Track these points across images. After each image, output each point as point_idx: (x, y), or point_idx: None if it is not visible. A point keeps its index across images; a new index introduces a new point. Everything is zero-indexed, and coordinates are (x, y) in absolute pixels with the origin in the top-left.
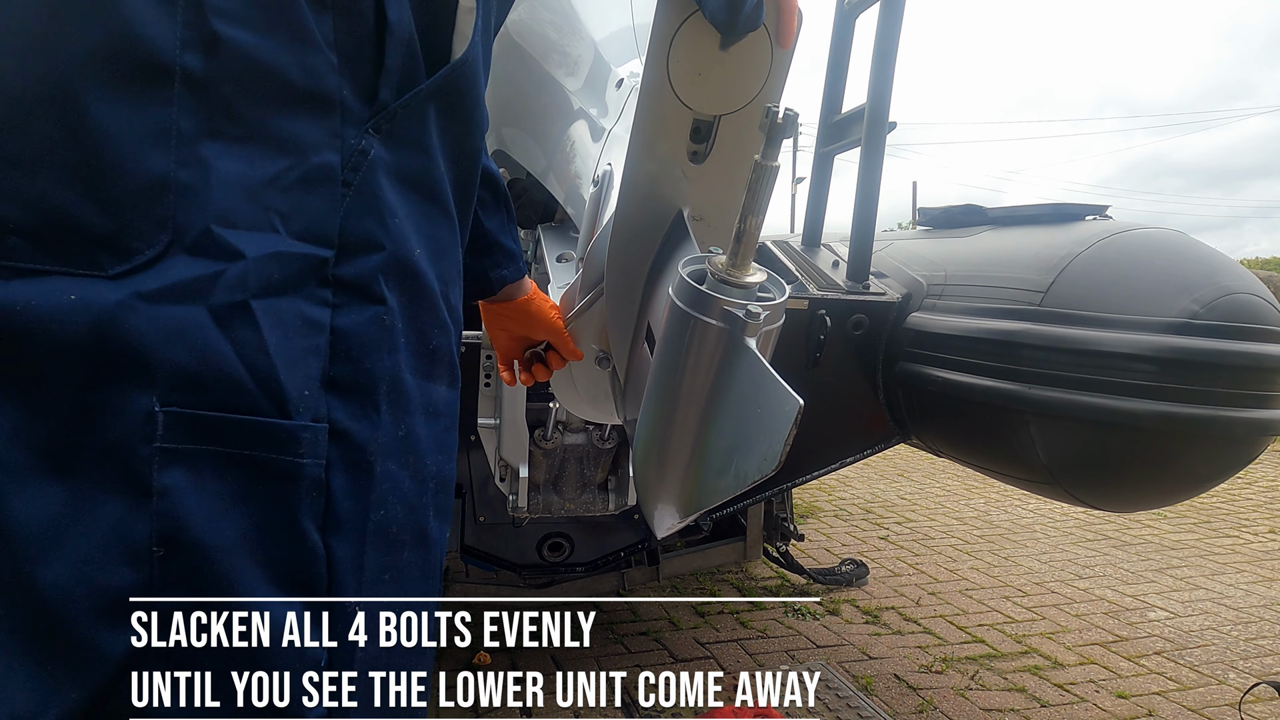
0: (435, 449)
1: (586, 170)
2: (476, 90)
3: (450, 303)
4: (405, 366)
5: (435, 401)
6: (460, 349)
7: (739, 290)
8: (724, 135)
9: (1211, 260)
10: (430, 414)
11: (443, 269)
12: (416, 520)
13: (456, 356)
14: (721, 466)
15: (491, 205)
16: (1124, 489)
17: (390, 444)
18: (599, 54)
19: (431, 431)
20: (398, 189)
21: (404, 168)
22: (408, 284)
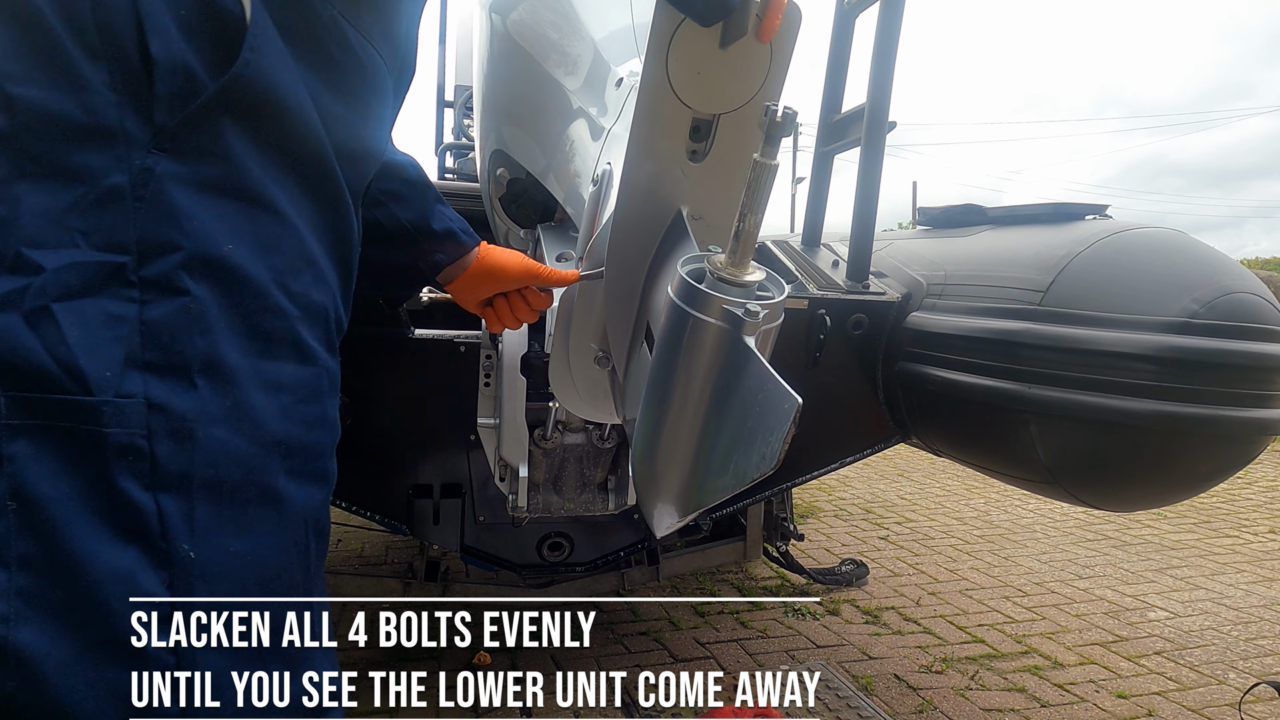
0: (281, 417)
1: (586, 169)
2: (279, 96)
3: (291, 290)
4: (228, 346)
5: (278, 376)
6: (334, 332)
7: (738, 289)
8: (723, 134)
9: (1211, 260)
10: (271, 388)
11: (274, 261)
12: (259, 480)
13: (310, 337)
14: (720, 465)
15: (405, 197)
16: (1124, 489)
17: (215, 413)
18: (598, 53)
19: (275, 403)
20: (196, 195)
21: (202, 177)
22: (217, 276)
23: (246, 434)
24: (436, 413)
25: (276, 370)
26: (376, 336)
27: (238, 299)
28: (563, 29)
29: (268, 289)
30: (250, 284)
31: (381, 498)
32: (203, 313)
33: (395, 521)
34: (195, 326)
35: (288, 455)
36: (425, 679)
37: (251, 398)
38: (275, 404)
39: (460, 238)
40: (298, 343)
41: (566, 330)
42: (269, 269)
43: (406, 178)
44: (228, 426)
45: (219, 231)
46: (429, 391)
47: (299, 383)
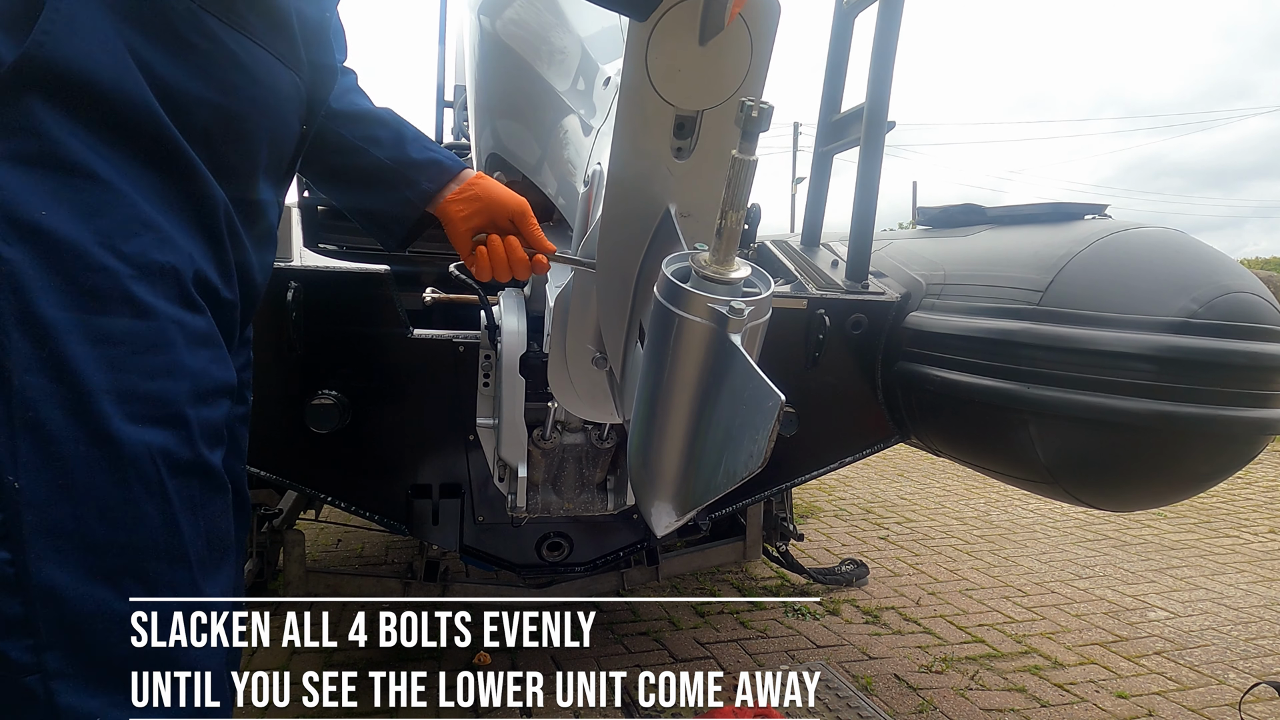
0: (110, 367)
1: (577, 169)
2: (92, 74)
3: (121, 250)
4: (46, 303)
5: (107, 330)
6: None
7: (723, 286)
8: (707, 130)
9: (1211, 259)
10: (100, 340)
11: (100, 224)
12: (85, 421)
13: (146, 294)
14: (712, 464)
15: (380, 139)
16: (1123, 489)
17: (31, 363)
18: (586, 53)
19: (104, 354)
20: (8, 167)
21: (13, 150)
22: (32, 239)
23: (66, 381)
24: (435, 413)
25: (107, 324)
26: (376, 336)
27: (56, 259)
28: (551, 30)
29: (90, 249)
30: (69, 245)
31: (381, 498)
32: (14, 273)
33: (395, 521)
34: (7, 285)
35: (124, 401)
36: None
37: (72, 349)
38: (103, 355)
39: (444, 162)
40: (130, 298)
41: (564, 331)
42: (93, 231)
43: (381, 119)
44: (45, 374)
45: (32, 199)
46: (428, 392)
47: (134, 335)
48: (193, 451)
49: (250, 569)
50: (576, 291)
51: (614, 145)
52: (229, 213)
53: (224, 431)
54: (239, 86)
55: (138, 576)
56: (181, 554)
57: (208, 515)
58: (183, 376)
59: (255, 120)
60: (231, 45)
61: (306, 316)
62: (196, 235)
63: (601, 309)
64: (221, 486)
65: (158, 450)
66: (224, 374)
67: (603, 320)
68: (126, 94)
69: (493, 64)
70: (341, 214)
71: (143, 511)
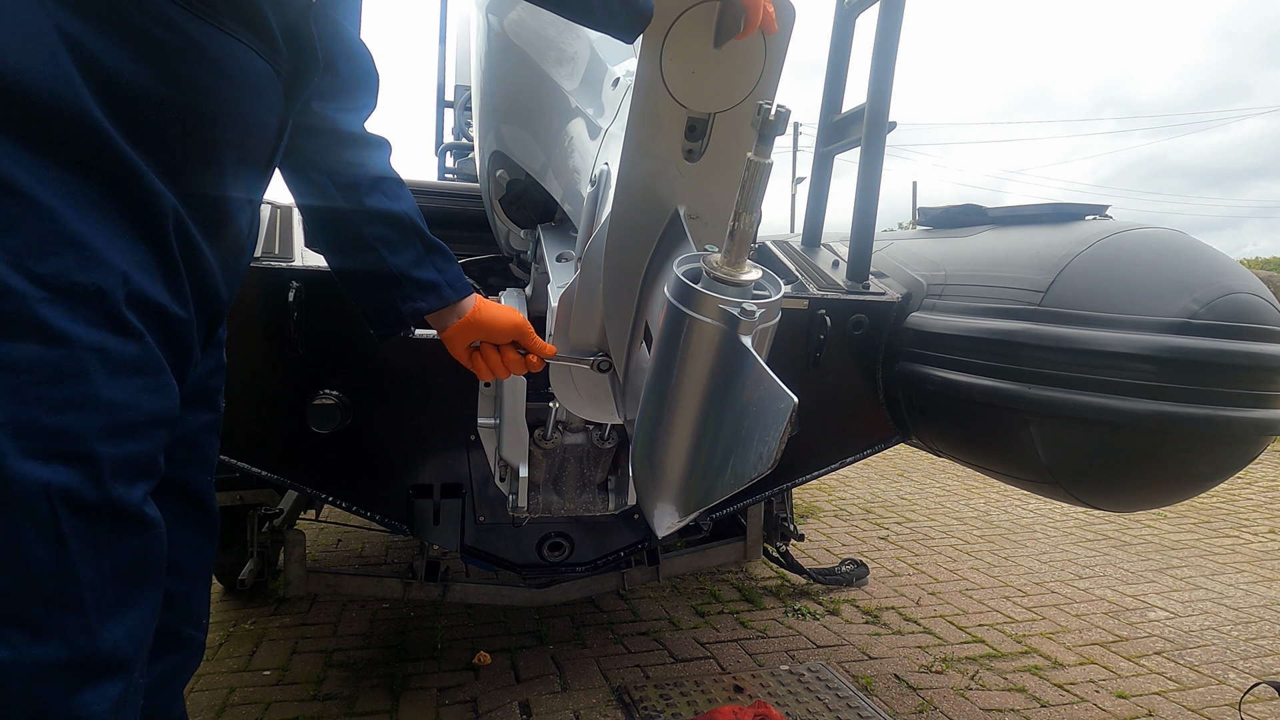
0: (9, 399)
1: (583, 169)
2: (13, 77)
3: (33, 270)
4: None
5: (9, 357)
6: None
7: (734, 288)
8: (719, 132)
9: (1211, 260)
10: (1, 369)
11: (11, 242)
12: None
13: (59, 319)
14: (719, 465)
15: (399, 243)
16: (1124, 489)
17: None
18: (595, 53)
19: (3, 383)
20: None
21: None
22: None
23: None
24: (437, 413)
25: (9, 351)
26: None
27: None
28: (559, 29)
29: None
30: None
31: (382, 498)
32: None
33: (395, 521)
34: None
35: (21, 435)
36: (425, 679)
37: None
38: (2, 384)
39: (443, 290)
40: (38, 324)
41: (566, 331)
42: (2, 250)
43: (401, 225)
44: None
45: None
46: (429, 391)
47: (40, 364)
48: (100, 490)
49: (250, 569)
50: (580, 292)
51: (625, 146)
52: (181, 221)
53: (156, 462)
54: (202, 82)
55: (20, 624)
56: (74, 599)
57: (116, 555)
58: (97, 409)
59: (221, 118)
60: (197, 35)
61: (308, 316)
62: (138, 249)
63: (606, 309)
64: (141, 523)
65: (56, 490)
66: (156, 403)
67: (607, 320)
68: (55, 94)
69: (499, 63)
70: None
71: (31, 554)
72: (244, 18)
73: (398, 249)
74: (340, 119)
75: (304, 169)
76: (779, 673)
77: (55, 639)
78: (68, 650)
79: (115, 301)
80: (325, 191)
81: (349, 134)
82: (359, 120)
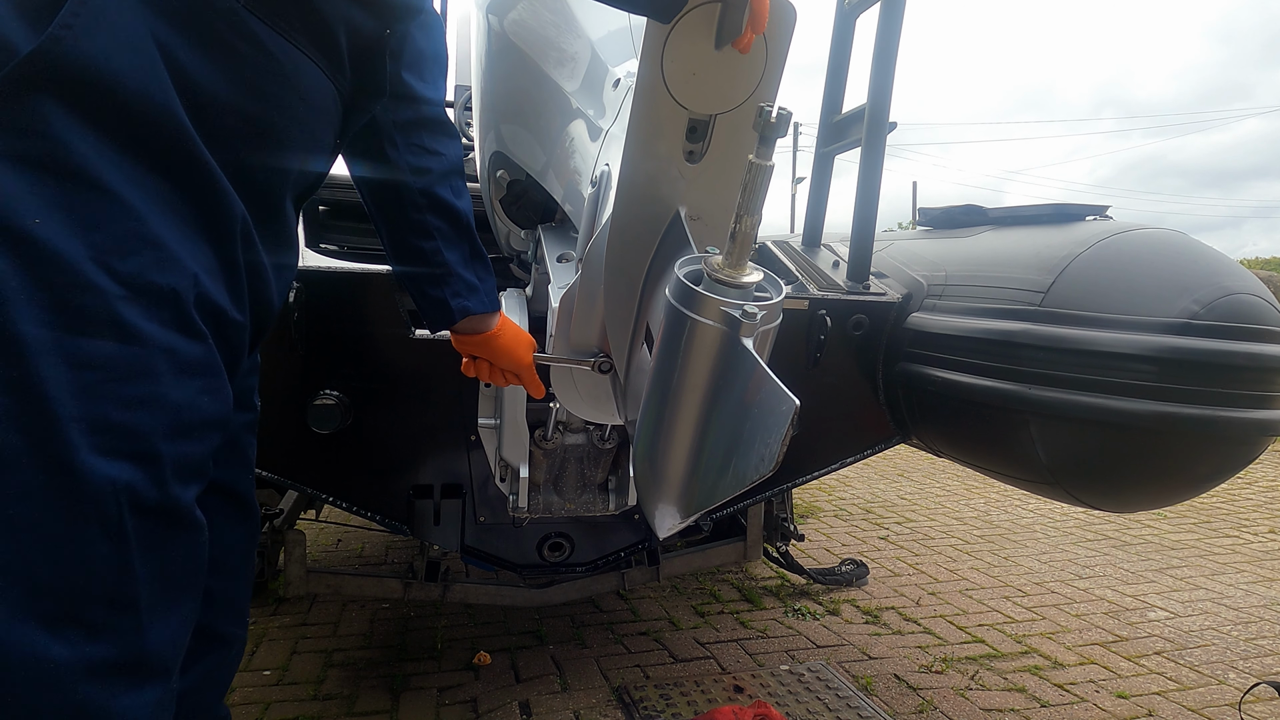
0: (83, 393)
1: (584, 170)
2: (113, 75)
3: (115, 269)
4: (23, 318)
5: (87, 353)
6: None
7: (735, 290)
8: (720, 134)
9: (1212, 260)
10: (78, 364)
11: (97, 239)
12: (48, 450)
13: (136, 317)
14: (721, 467)
15: (453, 238)
16: (1124, 489)
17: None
18: (596, 54)
19: (78, 378)
20: (6, 168)
21: (16, 150)
22: (19, 249)
23: (33, 405)
24: (437, 413)
25: (87, 347)
26: (377, 337)
27: (42, 273)
28: (560, 30)
29: (80, 265)
30: (58, 259)
31: (382, 498)
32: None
33: (395, 522)
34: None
35: (93, 431)
36: (425, 679)
37: (43, 370)
38: (79, 380)
39: (481, 296)
40: (117, 321)
41: (567, 332)
42: (88, 246)
43: (456, 220)
44: (11, 395)
45: (27, 205)
46: (429, 392)
47: (115, 361)
48: (161, 491)
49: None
50: (581, 293)
51: (626, 147)
52: (247, 228)
53: (207, 465)
54: (276, 95)
55: (78, 622)
56: (130, 600)
57: (168, 556)
58: (162, 409)
59: (289, 132)
60: (275, 50)
61: (308, 317)
62: (208, 252)
63: (607, 310)
64: (191, 525)
65: (123, 487)
66: (214, 406)
67: (608, 321)
68: (149, 98)
69: (500, 63)
70: (342, 214)
71: (95, 553)
72: (315, 37)
73: (453, 244)
74: (424, 91)
75: (381, 144)
76: (779, 673)
77: (108, 639)
78: (118, 651)
79: (186, 303)
80: (400, 170)
81: (431, 110)
82: (439, 93)
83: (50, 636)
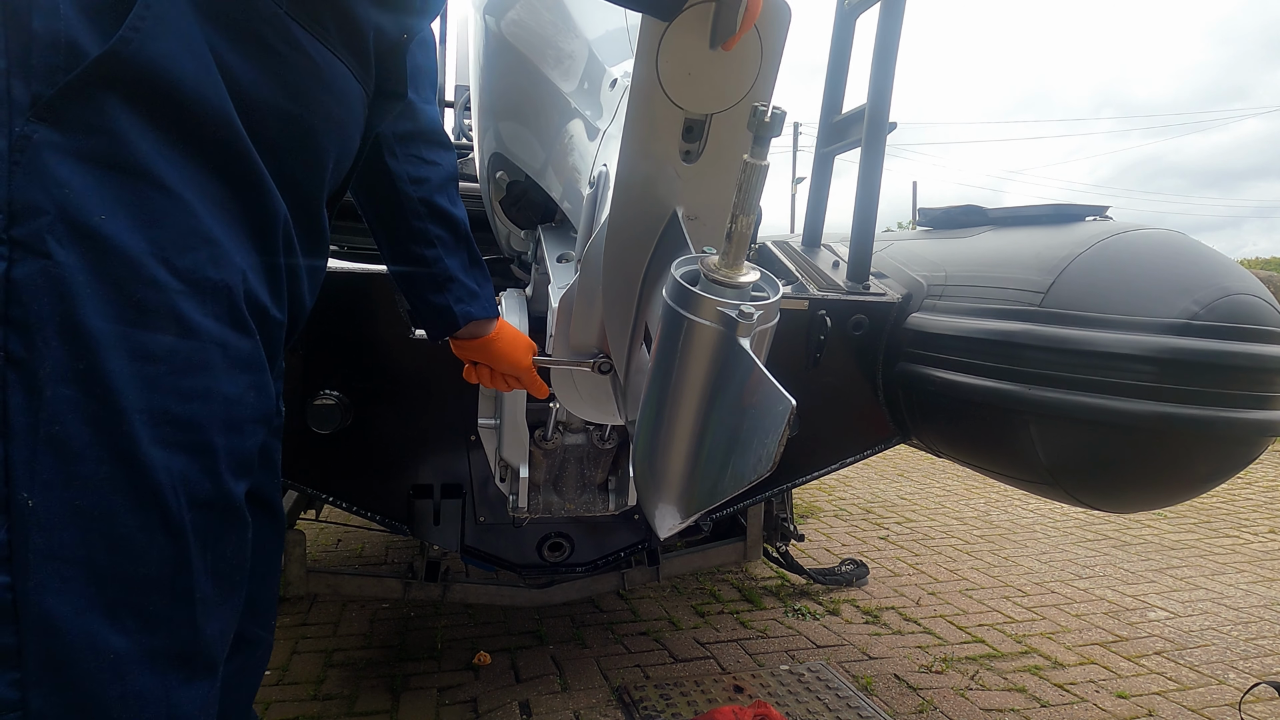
0: (146, 386)
1: (583, 170)
2: (174, 76)
3: (174, 264)
4: (91, 312)
5: (149, 347)
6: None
7: (732, 290)
8: (716, 134)
9: (1212, 261)
10: (140, 356)
11: (157, 235)
12: (112, 441)
13: (194, 311)
14: (719, 467)
15: (452, 245)
16: (1124, 490)
17: (65, 373)
18: (593, 54)
19: (142, 371)
20: (75, 165)
21: (83, 148)
22: (86, 244)
23: (99, 396)
24: (437, 413)
25: (149, 340)
26: (377, 337)
27: (108, 267)
28: (557, 30)
29: (143, 261)
30: (122, 254)
31: (382, 498)
32: (63, 277)
33: (395, 522)
34: (55, 289)
35: (155, 423)
36: (425, 679)
37: (111, 363)
38: (141, 372)
39: (485, 302)
40: (177, 316)
41: (567, 332)
42: (149, 242)
43: (457, 230)
44: (79, 387)
45: (93, 202)
46: (429, 392)
47: (174, 354)
48: (216, 483)
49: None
50: (580, 293)
51: (622, 147)
52: (288, 229)
53: (254, 460)
54: (315, 97)
55: (137, 612)
56: (186, 592)
57: (221, 551)
58: (216, 402)
59: (326, 133)
60: (313, 54)
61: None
62: (253, 251)
63: (606, 310)
64: (241, 521)
65: (180, 479)
66: (262, 401)
67: (607, 321)
68: (206, 100)
69: (497, 64)
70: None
71: (155, 542)
72: (348, 40)
73: (452, 251)
74: (423, 107)
75: (380, 154)
76: (779, 673)
77: (164, 631)
78: (174, 643)
79: (237, 299)
80: (399, 179)
81: (429, 127)
82: (434, 111)
83: (110, 626)
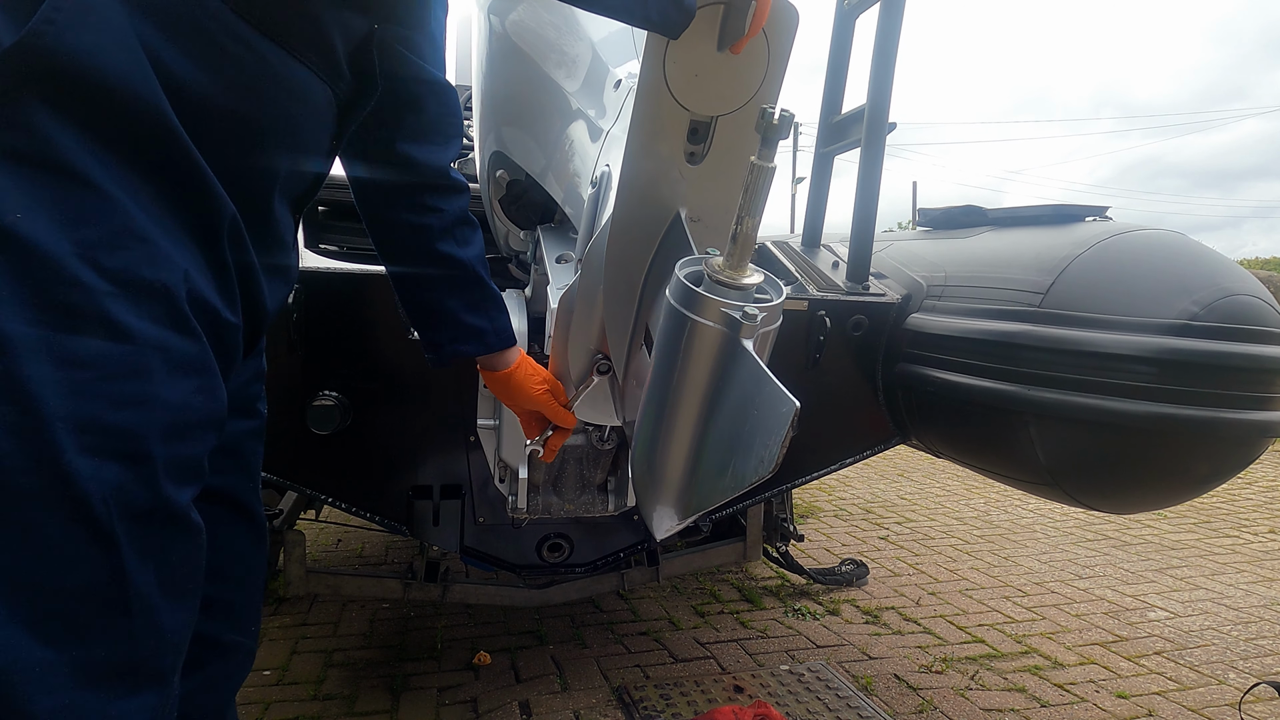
0: (71, 393)
1: (584, 171)
2: (97, 72)
3: (102, 264)
4: (8, 316)
5: (75, 351)
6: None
7: (736, 292)
8: (721, 136)
9: (1211, 261)
10: (65, 362)
11: (83, 234)
12: (34, 450)
13: (125, 314)
14: (720, 468)
15: (452, 287)
16: (1123, 490)
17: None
18: (597, 55)
19: (67, 377)
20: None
21: (4, 146)
22: (3, 245)
23: (19, 404)
24: (436, 414)
25: (76, 345)
26: (377, 337)
27: (25, 269)
28: (561, 30)
29: (65, 261)
30: (42, 254)
31: (382, 499)
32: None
33: (395, 522)
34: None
35: (82, 431)
36: (425, 679)
37: (29, 369)
38: (67, 378)
39: (488, 338)
40: (106, 318)
41: (566, 333)
42: (73, 242)
43: (464, 271)
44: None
45: (9, 200)
46: (429, 392)
47: (105, 359)
48: (154, 492)
49: None
50: (580, 294)
51: (627, 148)
52: (236, 228)
53: (202, 466)
54: (267, 96)
55: (67, 624)
56: (121, 602)
57: (161, 560)
58: (155, 408)
59: (281, 132)
60: (265, 54)
61: (307, 317)
62: (197, 251)
63: (606, 311)
64: (186, 527)
65: (112, 489)
66: (209, 406)
67: (607, 322)
68: (136, 94)
69: (500, 63)
70: (342, 214)
71: (83, 554)
72: (311, 42)
73: (456, 291)
74: (427, 159)
75: (379, 206)
76: (779, 673)
77: (98, 642)
78: (109, 655)
79: (178, 300)
80: (397, 230)
81: (434, 176)
82: (445, 159)
83: (33, 638)
